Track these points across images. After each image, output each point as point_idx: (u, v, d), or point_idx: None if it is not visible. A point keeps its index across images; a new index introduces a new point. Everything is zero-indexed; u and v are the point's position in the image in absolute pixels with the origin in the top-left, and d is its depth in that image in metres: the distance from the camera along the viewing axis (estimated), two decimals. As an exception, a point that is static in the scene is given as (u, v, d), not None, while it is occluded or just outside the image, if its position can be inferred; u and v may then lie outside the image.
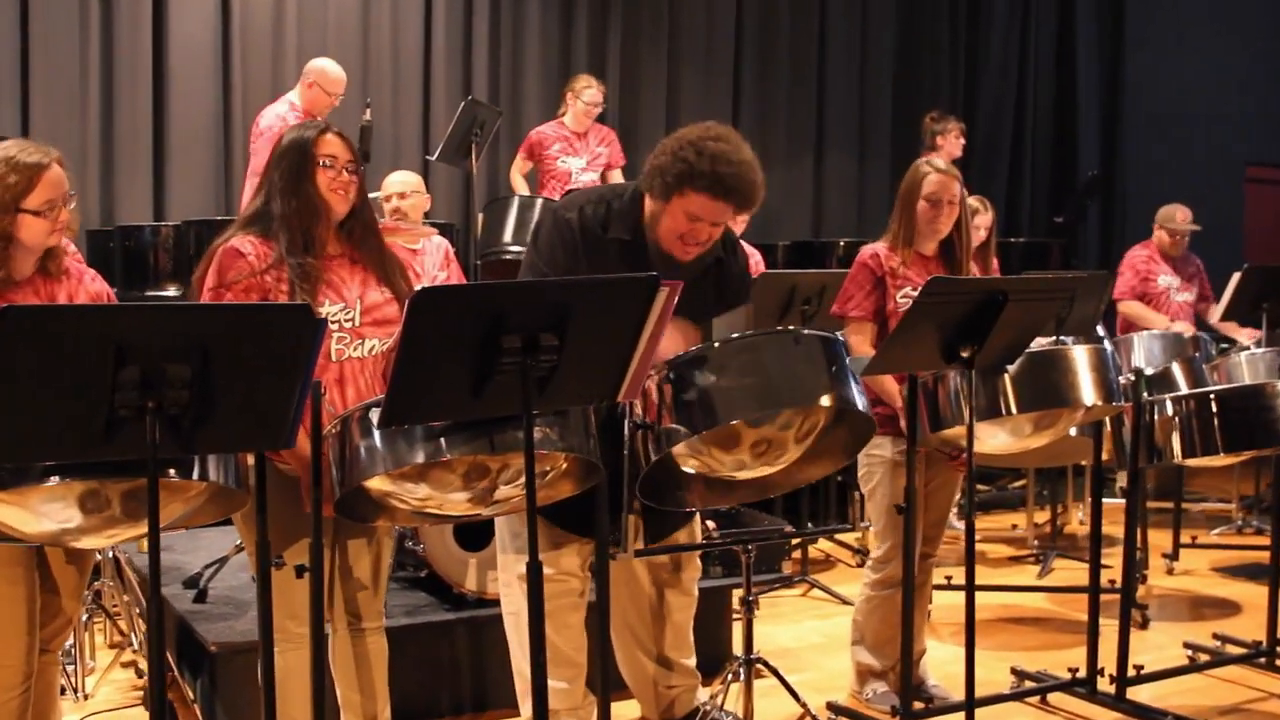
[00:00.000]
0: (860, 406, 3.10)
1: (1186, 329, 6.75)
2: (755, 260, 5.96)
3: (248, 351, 2.39)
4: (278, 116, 6.80)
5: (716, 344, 2.99)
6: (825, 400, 3.05)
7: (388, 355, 3.15)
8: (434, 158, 7.52)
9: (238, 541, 4.89)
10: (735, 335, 3.05)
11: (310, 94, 6.76)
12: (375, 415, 2.73)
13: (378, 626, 3.34)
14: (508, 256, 6.73)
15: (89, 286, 3.14)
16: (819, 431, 3.22)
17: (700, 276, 3.25)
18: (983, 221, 6.35)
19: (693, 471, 3.24)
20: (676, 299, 2.68)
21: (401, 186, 5.33)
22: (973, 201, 6.48)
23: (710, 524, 4.62)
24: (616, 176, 7.74)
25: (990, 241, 6.40)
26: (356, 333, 3.16)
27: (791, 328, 3.62)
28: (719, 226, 3.15)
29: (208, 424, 2.42)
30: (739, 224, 5.13)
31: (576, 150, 7.65)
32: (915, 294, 3.99)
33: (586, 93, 7.62)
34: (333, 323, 3.10)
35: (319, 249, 3.14)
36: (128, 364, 2.29)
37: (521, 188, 7.73)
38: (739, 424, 3.06)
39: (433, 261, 5.17)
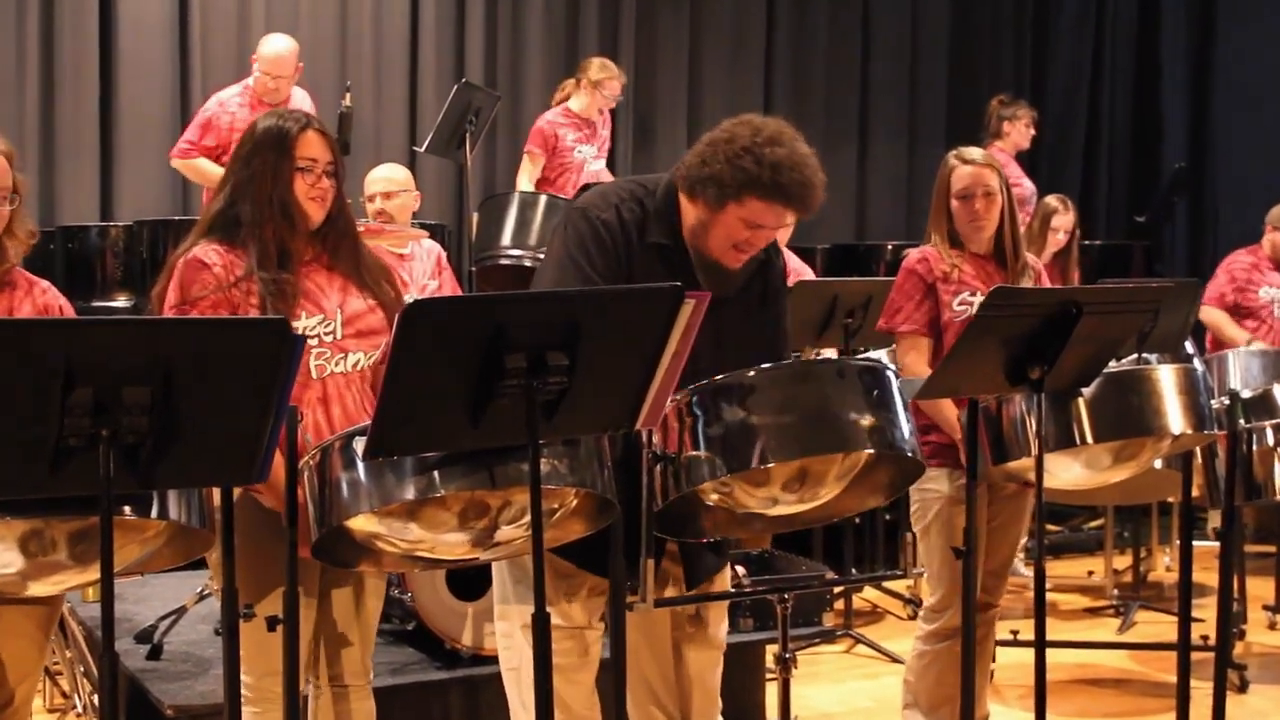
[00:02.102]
0: (908, 451, 3.12)
1: None
2: (796, 270, 5.96)
3: (216, 372, 2.41)
4: (218, 102, 6.82)
5: (750, 372, 3.01)
6: (869, 446, 3.09)
7: (376, 369, 3.18)
8: (422, 149, 7.56)
9: (198, 589, 4.92)
10: (769, 365, 3.07)
11: (256, 74, 6.77)
12: (359, 444, 2.74)
13: (363, 685, 3.36)
14: (506, 261, 6.75)
15: (38, 299, 3.15)
16: (861, 468, 3.24)
17: (746, 285, 3.29)
18: (1062, 223, 6.35)
19: (714, 504, 3.26)
20: (704, 312, 2.69)
21: (386, 185, 5.35)
22: (1051, 200, 6.49)
23: (740, 570, 4.63)
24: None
25: (1072, 247, 6.40)
26: (338, 346, 3.19)
27: (835, 358, 3.64)
28: (778, 230, 3.21)
29: (169, 455, 2.44)
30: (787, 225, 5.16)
31: (588, 138, 7.70)
32: (974, 299, 4.03)
33: (610, 84, 7.66)
34: (311, 337, 3.13)
35: (294, 261, 3.17)
36: (79, 386, 2.31)
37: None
38: (772, 463, 3.08)
39: (423, 269, 5.20)
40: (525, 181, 7.61)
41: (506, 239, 6.85)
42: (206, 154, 6.64)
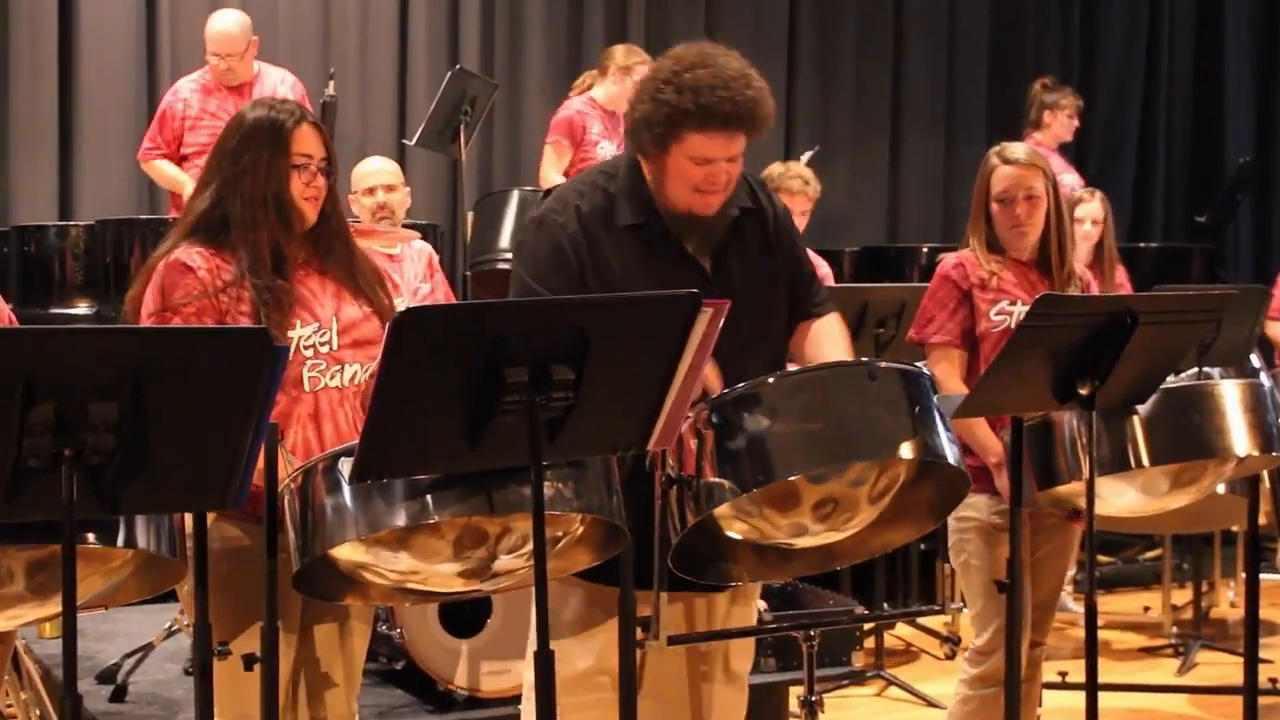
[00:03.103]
0: (951, 459, 3.12)
1: None
2: (823, 273, 5.97)
3: (190, 387, 2.42)
4: (172, 92, 6.86)
5: (770, 379, 3.02)
6: (906, 452, 3.08)
7: (369, 384, 3.18)
8: (413, 142, 7.58)
9: (166, 625, 4.93)
10: (794, 369, 3.07)
11: (207, 57, 6.79)
12: (345, 466, 2.75)
13: (347, 731, 3.36)
14: (504, 265, 6.77)
15: None
16: (899, 489, 3.24)
17: (736, 236, 3.28)
18: (1089, 213, 6.25)
19: (739, 537, 3.26)
20: (723, 320, 2.70)
21: (390, 178, 5.40)
22: (1077, 190, 6.45)
23: (762, 604, 4.63)
24: None
25: (1105, 242, 6.34)
26: (334, 358, 3.19)
27: (865, 360, 3.64)
28: (736, 162, 3.20)
29: (138, 477, 2.45)
30: (800, 219, 5.15)
31: (611, 133, 7.71)
32: (1014, 308, 4.04)
33: (641, 70, 7.66)
34: (306, 347, 3.14)
35: (289, 266, 3.18)
36: (40, 401, 2.32)
37: None
38: (799, 480, 3.09)
39: (414, 272, 5.21)
40: (554, 175, 7.59)
41: (505, 241, 6.88)
42: (168, 151, 6.68)
